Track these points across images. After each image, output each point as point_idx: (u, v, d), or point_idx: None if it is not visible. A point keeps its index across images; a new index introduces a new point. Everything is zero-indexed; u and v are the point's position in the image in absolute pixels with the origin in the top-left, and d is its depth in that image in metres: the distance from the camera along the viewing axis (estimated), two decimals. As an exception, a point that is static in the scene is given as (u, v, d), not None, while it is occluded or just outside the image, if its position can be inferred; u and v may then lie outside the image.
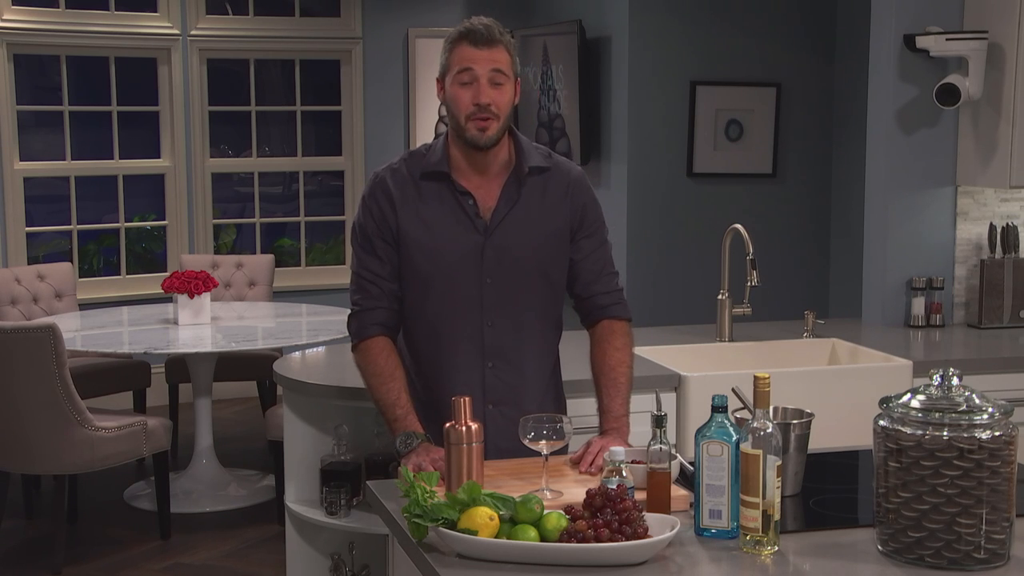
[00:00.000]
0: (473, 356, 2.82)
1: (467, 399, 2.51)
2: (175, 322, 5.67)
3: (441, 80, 2.79)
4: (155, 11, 7.25)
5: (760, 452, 2.20)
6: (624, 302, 2.96)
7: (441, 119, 7.79)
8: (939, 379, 2.20)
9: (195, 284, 5.62)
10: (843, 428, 3.24)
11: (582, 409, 3.39)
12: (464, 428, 2.48)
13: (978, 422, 2.11)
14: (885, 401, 2.21)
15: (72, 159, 7.22)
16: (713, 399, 2.30)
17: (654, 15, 6.33)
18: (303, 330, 5.78)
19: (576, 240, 2.88)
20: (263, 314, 6.08)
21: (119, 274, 7.44)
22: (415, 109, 7.75)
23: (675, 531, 2.18)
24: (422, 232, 2.78)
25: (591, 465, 2.65)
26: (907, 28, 4.37)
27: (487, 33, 2.72)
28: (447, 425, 2.50)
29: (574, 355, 3.19)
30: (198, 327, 5.61)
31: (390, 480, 2.72)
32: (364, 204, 2.84)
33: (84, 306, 6.58)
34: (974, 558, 2.12)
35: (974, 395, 2.17)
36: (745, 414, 2.57)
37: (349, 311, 2.89)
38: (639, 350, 3.92)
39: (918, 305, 4.44)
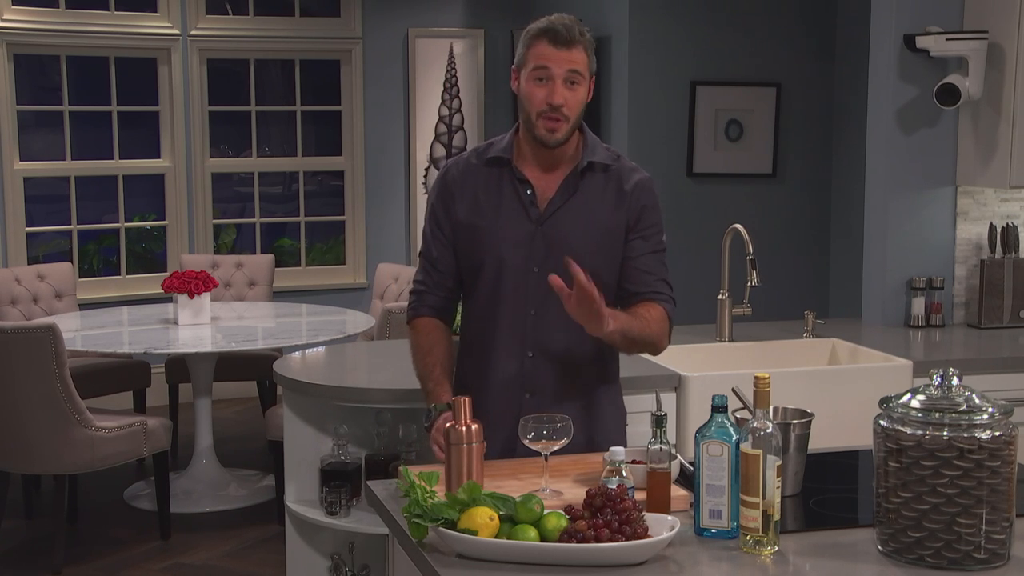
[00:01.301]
0: (515, 344, 2.83)
1: (467, 399, 2.51)
2: (175, 322, 5.67)
3: (517, 71, 2.81)
4: (155, 11, 7.25)
5: (760, 452, 2.20)
6: (673, 302, 2.88)
7: (441, 119, 7.80)
8: (939, 379, 2.20)
9: (195, 284, 5.62)
10: (843, 428, 3.24)
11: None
12: (464, 428, 2.48)
13: (978, 422, 2.11)
14: (885, 401, 2.21)
15: (72, 159, 7.22)
16: (713, 399, 2.30)
17: (654, 15, 6.33)
18: (303, 330, 5.79)
19: (629, 239, 2.85)
20: (263, 314, 6.08)
21: (119, 274, 7.44)
22: (415, 109, 7.75)
23: (675, 531, 2.18)
24: (475, 215, 2.83)
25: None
26: (907, 28, 4.37)
27: (567, 33, 2.73)
28: (447, 425, 2.50)
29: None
30: (198, 327, 5.61)
31: (390, 480, 2.71)
32: (432, 194, 2.92)
33: (84, 306, 6.58)
34: (974, 558, 2.12)
35: (974, 395, 2.17)
36: (745, 414, 2.57)
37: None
38: (639, 350, 3.93)
39: (918, 305, 4.44)
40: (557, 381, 2.84)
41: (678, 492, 2.45)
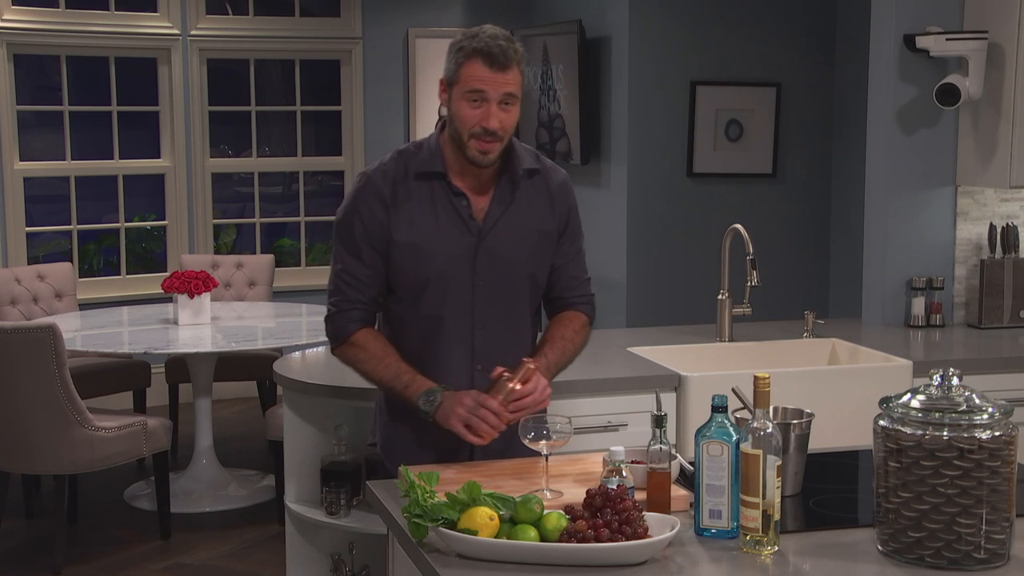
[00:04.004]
0: (463, 359, 2.79)
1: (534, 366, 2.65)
2: (175, 322, 5.67)
3: (446, 85, 2.73)
4: (155, 11, 7.25)
5: (760, 452, 2.20)
6: (594, 305, 2.96)
7: (441, 118, 7.78)
8: (939, 379, 2.20)
9: (195, 284, 5.62)
10: (843, 428, 3.25)
11: (579, 410, 3.39)
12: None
13: (978, 422, 2.11)
14: (885, 401, 2.21)
15: (72, 159, 7.22)
16: (713, 399, 2.30)
17: (654, 15, 6.33)
18: (303, 330, 5.78)
19: (559, 243, 2.86)
20: (263, 314, 6.08)
21: (119, 274, 7.44)
22: (415, 109, 7.75)
23: (675, 531, 2.18)
24: (414, 234, 2.74)
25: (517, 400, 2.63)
26: (907, 28, 4.37)
27: (503, 56, 2.65)
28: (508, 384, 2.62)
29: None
30: (198, 327, 5.61)
31: (390, 480, 2.72)
32: (353, 206, 2.78)
33: (84, 306, 6.58)
34: (974, 558, 2.12)
35: (974, 395, 2.17)
36: (745, 414, 2.57)
37: (326, 312, 2.84)
38: (639, 350, 3.94)
39: (918, 305, 4.44)
40: None
41: (678, 492, 2.45)
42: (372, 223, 2.76)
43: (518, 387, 2.64)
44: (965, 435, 2.10)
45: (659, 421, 2.43)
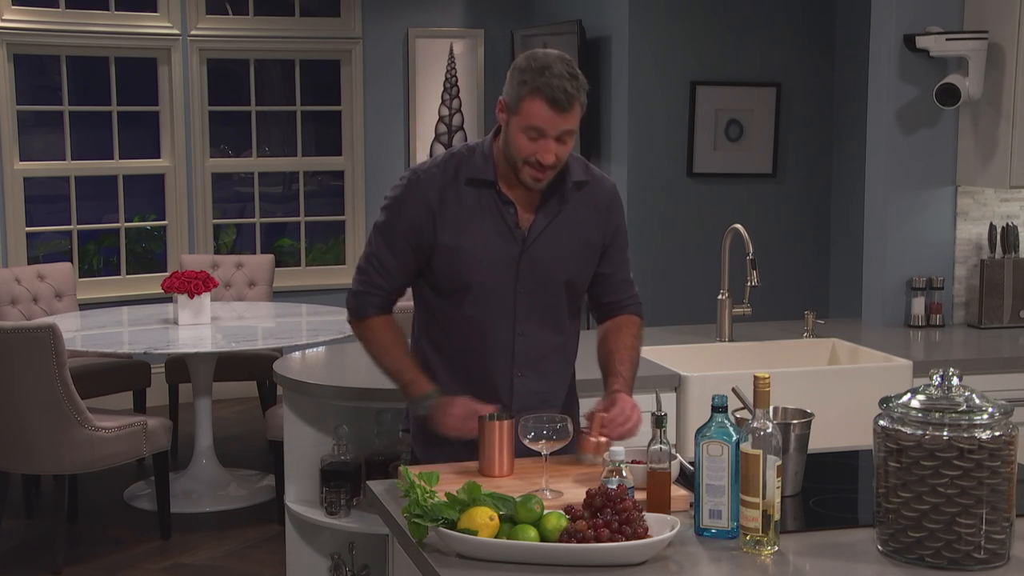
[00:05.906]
0: (503, 366, 2.81)
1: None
2: (175, 322, 5.67)
3: (506, 108, 2.69)
4: (155, 11, 7.25)
5: (760, 452, 2.20)
6: (641, 304, 3.01)
7: (441, 119, 7.79)
8: (939, 379, 2.20)
9: (195, 284, 5.62)
10: (843, 428, 3.25)
11: (588, 408, 3.38)
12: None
13: (978, 422, 2.11)
14: (885, 401, 2.21)
15: (72, 159, 7.21)
16: (713, 399, 2.30)
17: (654, 15, 6.33)
18: (303, 330, 5.79)
19: (608, 254, 2.89)
20: (263, 314, 6.08)
21: (119, 274, 7.44)
22: (415, 109, 7.75)
23: (675, 531, 2.18)
24: (459, 239, 2.75)
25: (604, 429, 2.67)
26: (907, 28, 4.37)
27: (567, 101, 2.64)
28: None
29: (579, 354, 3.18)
30: (198, 327, 5.61)
31: (390, 480, 2.72)
32: (398, 201, 2.78)
33: (84, 306, 6.58)
34: (974, 558, 2.12)
35: (974, 395, 2.17)
36: (745, 414, 2.57)
37: (350, 287, 2.89)
38: (639, 350, 3.93)
39: (918, 305, 4.44)
40: (545, 396, 2.85)
41: (678, 492, 2.45)
42: (415, 222, 2.77)
43: (605, 414, 2.68)
44: (965, 435, 2.10)
45: (659, 421, 2.43)
